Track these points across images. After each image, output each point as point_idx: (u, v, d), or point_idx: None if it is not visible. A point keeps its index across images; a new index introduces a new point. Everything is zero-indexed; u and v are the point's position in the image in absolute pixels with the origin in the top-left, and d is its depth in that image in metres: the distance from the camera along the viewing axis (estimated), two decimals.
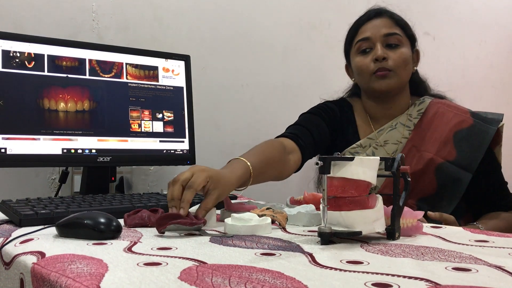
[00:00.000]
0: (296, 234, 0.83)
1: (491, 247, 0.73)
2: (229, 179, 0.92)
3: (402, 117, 1.30)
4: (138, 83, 1.38)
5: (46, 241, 0.75)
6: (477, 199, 1.25)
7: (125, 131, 1.34)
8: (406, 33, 1.28)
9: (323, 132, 1.32)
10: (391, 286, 0.51)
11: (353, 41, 1.31)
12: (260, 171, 1.02)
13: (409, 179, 0.80)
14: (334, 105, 1.38)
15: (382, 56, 1.23)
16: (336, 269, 0.58)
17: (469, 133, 1.24)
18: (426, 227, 0.90)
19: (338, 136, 1.34)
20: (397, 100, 1.30)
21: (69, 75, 1.27)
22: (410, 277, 0.54)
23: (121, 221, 0.83)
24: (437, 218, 1.06)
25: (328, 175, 0.72)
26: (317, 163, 0.72)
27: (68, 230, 0.78)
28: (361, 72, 1.28)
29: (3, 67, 1.19)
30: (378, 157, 0.77)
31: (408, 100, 1.33)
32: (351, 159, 0.73)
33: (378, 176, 0.78)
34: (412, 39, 1.30)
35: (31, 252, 0.68)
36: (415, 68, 1.33)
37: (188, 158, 1.44)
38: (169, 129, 1.42)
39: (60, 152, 1.23)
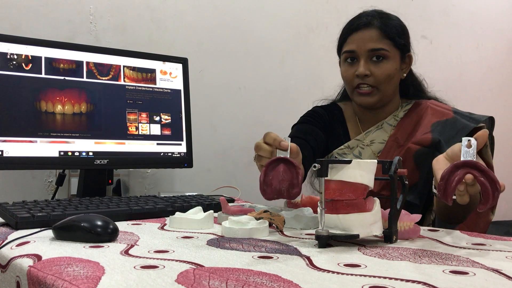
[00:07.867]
0: (293, 237, 0.83)
1: (489, 250, 0.73)
2: None
3: (389, 118, 1.31)
4: (135, 86, 1.38)
5: (42, 244, 0.75)
6: None
7: (122, 134, 1.34)
8: (396, 43, 1.25)
9: (319, 138, 1.32)
10: None
11: (341, 48, 1.31)
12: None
13: (407, 182, 0.80)
14: (322, 110, 1.39)
15: (364, 73, 1.23)
16: (333, 272, 0.58)
17: (446, 123, 1.24)
18: (424, 230, 0.91)
19: (330, 139, 1.35)
20: (385, 107, 1.31)
21: (66, 78, 1.27)
22: (407, 280, 0.54)
23: (119, 224, 0.83)
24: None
25: (326, 178, 0.72)
26: (314, 166, 0.72)
27: (64, 233, 0.78)
28: (345, 83, 1.31)
29: (0, 69, 1.18)
30: (376, 160, 0.78)
31: (397, 104, 1.33)
32: (349, 162, 0.73)
33: (376, 179, 0.78)
34: (403, 48, 1.27)
35: (28, 255, 0.67)
36: (405, 75, 1.32)
37: (185, 161, 1.43)
38: (167, 132, 1.41)
39: (57, 155, 1.23)
